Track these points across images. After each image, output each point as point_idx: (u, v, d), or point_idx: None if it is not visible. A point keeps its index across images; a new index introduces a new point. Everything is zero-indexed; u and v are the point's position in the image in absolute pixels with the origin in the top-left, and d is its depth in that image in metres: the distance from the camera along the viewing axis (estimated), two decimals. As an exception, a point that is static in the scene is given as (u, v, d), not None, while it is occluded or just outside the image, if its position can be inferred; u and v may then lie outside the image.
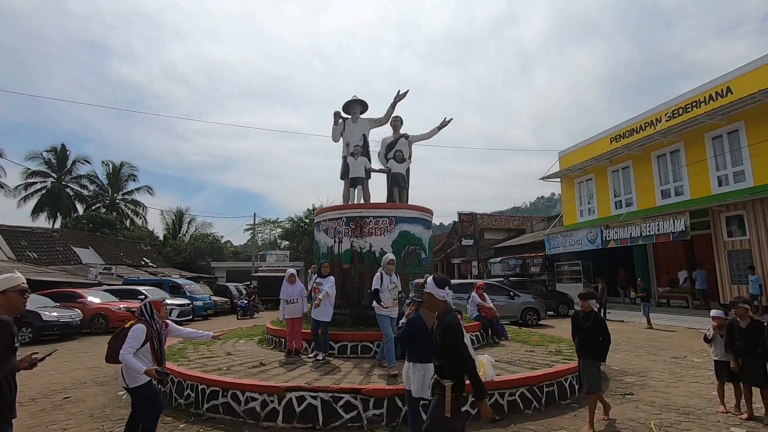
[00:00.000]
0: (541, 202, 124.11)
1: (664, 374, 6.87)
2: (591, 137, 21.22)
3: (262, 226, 53.23)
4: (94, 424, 4.87)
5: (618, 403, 5.34)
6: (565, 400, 5.40)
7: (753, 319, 4.72)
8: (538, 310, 14.20)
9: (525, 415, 4.89)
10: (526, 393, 5.06)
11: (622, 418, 4.81)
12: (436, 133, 9.39)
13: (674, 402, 5.34)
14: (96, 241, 28.50)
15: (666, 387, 6.09)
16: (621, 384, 6.28)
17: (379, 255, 7.62)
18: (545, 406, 5.15)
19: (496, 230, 34.13)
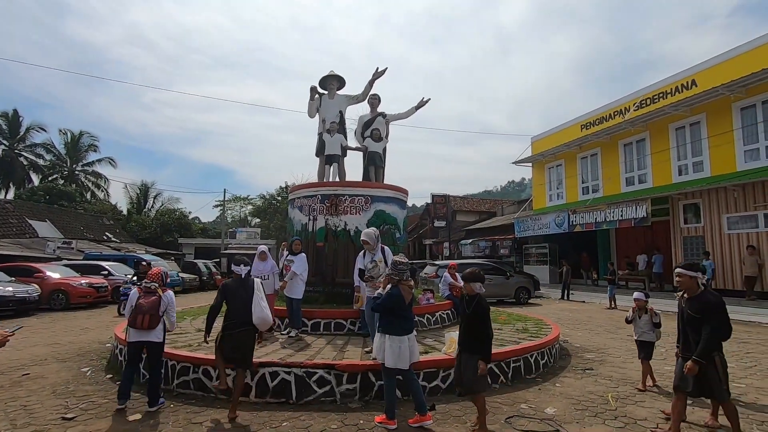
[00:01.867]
0: (511, 186, 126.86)
1: (621, 351, 7.28)
2: (563, 124, 21.70)
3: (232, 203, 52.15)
4: (56, 401, 4.72)
5: (579, 378, 5.64)
6: (530, 375, 5.65)
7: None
8: (530, 290, 15.14)
9: (493, 389, 5.09)
10: (494, 368, 5.25)
11: (582, 390, 5.09)
12: (413, 113, 9.33)
13: (630, 376, 5.68)
14: (54, 214, 27.10)
15: (623, 363, 6.46)
16: (582, 360, 6.62)
17: (354, 233, 7.62)
18: (512, 381, 5.37)
19: (468, 212, 34.71)
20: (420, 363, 4.85)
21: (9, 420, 4.20)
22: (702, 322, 3.60)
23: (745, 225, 12.99)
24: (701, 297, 3.66)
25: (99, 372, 5.91)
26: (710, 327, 3.53)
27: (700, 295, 3.68)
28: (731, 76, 13.15)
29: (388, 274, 4.16)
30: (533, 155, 22.81)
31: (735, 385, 5.29)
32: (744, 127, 13.48)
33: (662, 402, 4.74)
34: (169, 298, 4.53)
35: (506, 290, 14.69)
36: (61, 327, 10.05)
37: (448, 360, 4.97)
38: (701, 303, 3.64)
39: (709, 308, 3.60)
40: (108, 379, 5.58)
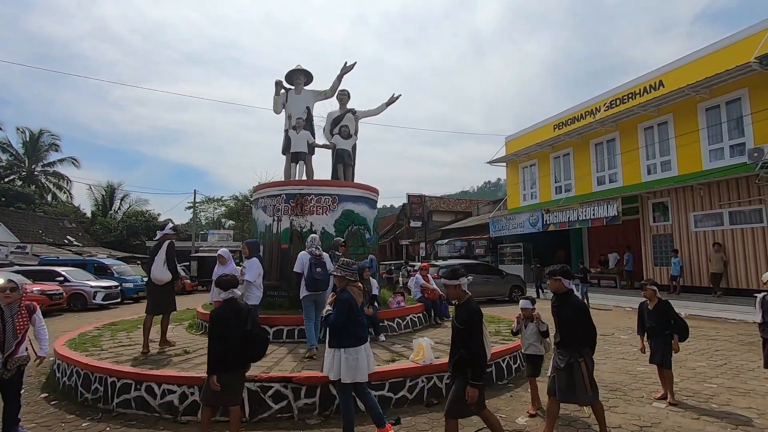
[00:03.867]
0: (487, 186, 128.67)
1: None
2: (536, 124, 21.85)
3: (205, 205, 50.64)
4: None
5: (551, 382, 5.44)
6: (502, 381, 5.42)
7: (660, 299, 4.81)
8: (523, 288, 15.34)
9: (462, 397, 4.82)
10: (465, 375, 4.98)
11: (555, 396, 4.87)
12: (384, 109, 9.04)
13: (603, 378, 5.52)
14: (8, 217, 25.54)
15: (595, 364, 6.31)
16: (555, 362, 6.45)
17: (321, 235, 7.25)
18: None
19: (444, 212, 34.72)
20: (386, 372, 4.55)
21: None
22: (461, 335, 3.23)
23: (710, 223, 13.26)
24: (465, 305, 3.32)
25: (34, 391, 5.35)
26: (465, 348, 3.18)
27: (465, 303, 3.34)
28: (696, 77, 13.40)
29: (341, 275, 3.73)
30: (507, 155, 22.90)
31: (706, 386, 5.21)
32: (709, 126, 13.77)
33: (636, 407, 4.57)
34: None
35: (502, 289, 15.05)
36: (5, 339, 9.26)
37: (416, 368, 4.68)
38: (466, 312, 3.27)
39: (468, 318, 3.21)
40: (42, 398, 5.03)
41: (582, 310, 3.59)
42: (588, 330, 3.58)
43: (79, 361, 4.92)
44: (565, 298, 3.70)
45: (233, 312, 3.54)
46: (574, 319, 3.56)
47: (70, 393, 4.93)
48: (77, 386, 4.86)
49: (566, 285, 3.70)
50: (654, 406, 4.59)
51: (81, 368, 4.86)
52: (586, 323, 3.56)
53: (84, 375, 4.81)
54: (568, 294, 3.71)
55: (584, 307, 3.64)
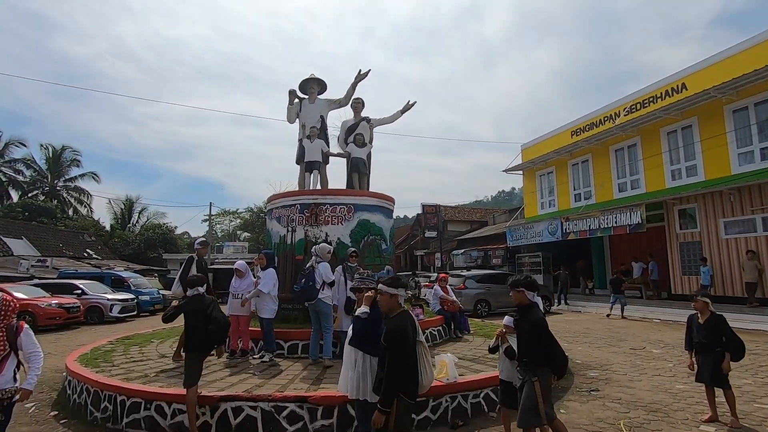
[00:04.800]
0: (501, 195, 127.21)
1: (626, 367, 6.75)
2: (553, 131, 21.45)
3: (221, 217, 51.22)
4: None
5: (585, 401, 5.07)
6: (530, 400, 5.07)
7: (713, 313, 4.39)
8: (551, 299, 14.92)
9: (490, 418, 4.51)
10: (491, 394, 4.67)
11: (590, 418, 4.52)
12: (398, 117, 8.88)
13: (641, 398, 5.13)
14: (31, 231, 26.09)
15: (630, 381, 5.92)
16: (585, 379, 6.06)
17: (336, 245, 7.05)
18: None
19: (459, 222, 34.28)
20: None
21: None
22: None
23: (742, 229, 12.63)
24: (393, 320, 2.96)
25: (44, 408, 5.20)
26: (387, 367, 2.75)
27: (395, 317, 2.98)
28: (722, 78, 12.92)
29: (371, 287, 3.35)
30: (523, 163, 22.49)
31: (756, 406, 4.78)
32: (737, 129, 13.22)
33: (682, 431, 4.18)
34: None
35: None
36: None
37: (439, 387, 4.38)
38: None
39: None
40: (52, 417, 4.88)
41: (539, 326, 3.23)
42: (547, 348, 3.22)
43: (89, 378, 4.77)
44: (525, 312, 3.35)
45: (198, 304, 4.20)
46: (530, 335, 3.25)
47: (80, 411, 4.77)
48: (87, 404, 4.70)
49: (529, 297, 3.37)
50: (702, 430, 4.19)
51: (91, 385, 4.70)
52: (544, 340, 3.22)
53: (94, 393, 4.65)
54: (529, 307, 3.37)
55: (542, 323, 3.25)
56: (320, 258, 5.81)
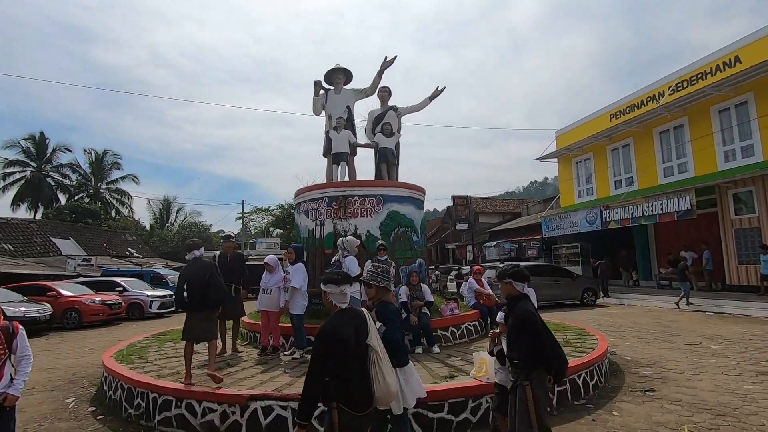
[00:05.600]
0: (534, 186, 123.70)
1: (682, 364, 6.19)
2: (589, 115, 20.43)
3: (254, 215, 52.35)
4: (21, 444, 4.07)
5: (640, 402, 4.63)
6: (578, 400, 4.68)
7: None
8: (596, 291, 14.26)
9: (535, 420, 4.16)
10: (535, 394, 4.32)
11: (649, 421, 4.09)
12: (427, 104, 8.54)
13: (704, 399, 4.64)
14: (77, 232, 27.42)
15: (689, 380, 5.40)
16: (638, 378, 5.58)
17: (366, 238, 6.84)
18: (556, 409, 4.42)
19: (491, 214, 33.47)
20: (444, 390, 4.00)
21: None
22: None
23: (808, 213, 11.53)
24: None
25: (83, 404, 5.27)
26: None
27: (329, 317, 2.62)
28: (782, 48, 11.79)
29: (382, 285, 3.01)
30: (558, 150, 21.56)
31: None
32: (800, 104, 12.06)
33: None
34: None
35: (573, 292, 14.01)
36: (67, 348, 9.61)
37: (479, 387, 4.08)
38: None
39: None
40: (89, 412, 4.92)
41: (525, 319, 2.83)
42: (537, 345, 2.80)
43: (122, 375, 4.76)
44: (513, 305, 2.99)
45: (198, 267, 4.76)
46: (517, 330, 2.87)
47: (116, 408, 4.78)
48: (122, 401, 4.69)
49: (518, 289, 2.99)
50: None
51: (124, 382, 4.70)
52: (533, 336, 2.81)
53: (127, 389, 4.64)
54: (517, 300, 2.99)
55: (528, 315, 2.85)
56: (347, 252, 5.63)
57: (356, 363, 2.36)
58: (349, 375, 2.33)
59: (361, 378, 2.36)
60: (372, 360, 2.40)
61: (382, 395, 2.38)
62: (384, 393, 2.38)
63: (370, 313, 2.63)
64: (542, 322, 2.94)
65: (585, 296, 13.98)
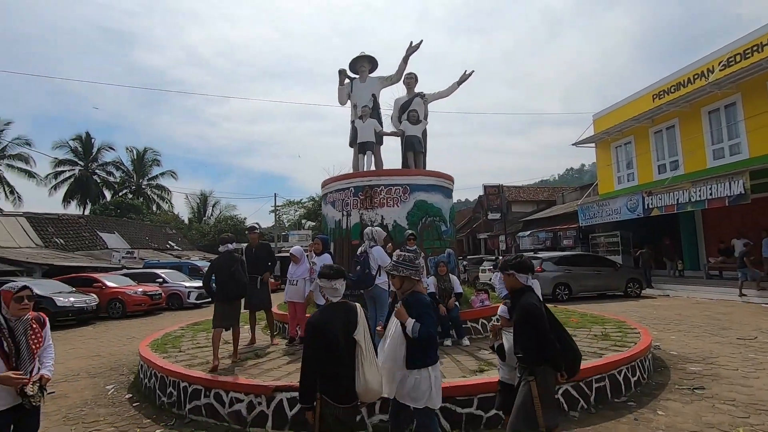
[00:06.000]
0: (570, 173, 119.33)
1: (735, 360, 5.73)
2: (630, 96, 19.30)
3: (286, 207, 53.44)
4: (63, 428, 4.24)
5: (688, 401, 4.30)
6: (619, 398, 4.40)
7: None
8: (641, 281, 13.61)
9: (570, 418, 3.94)
10: (571, 390, 4.10)
11: (698, 422, 3.78)
12: (455, 89, 8.26)
13: (763, 399, 4.25)
14: (122, 226, 28.81)
15: (743, 378, 4.98)
16: (686, 375, 5.21)
17: (393, 228, 6.72)
18: (595, 406, 4.17)
19: (524, 202, 32.55)
20: (474, 385, 3.84)
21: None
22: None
23: None
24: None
25: (121, 390, 5.47)
26: None
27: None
28: None
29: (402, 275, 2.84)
30: (596, 134, 20.54)
31: None
32: None
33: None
34: None
35: (616, 282, 13.44)
36: (111, 336, 10.08)
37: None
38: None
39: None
40: (127, 399, 5.09)
41: (530, 314, 2.68)
42: (541, 340, 2.64)
43: (155, 364, 4.89)
44: (517, 298, 2.84)
45: (226, 260, 5.29)
46: (520, 324, 2.73)
47: (150, 395, 4.92)
48: (155, 389, 4.82)
49: (522, 281, 2.85)
50: None
51: (158, 371, 4.82)
52: (537, 331, 2.66)
53: (160, 378, 4.76)
54: (521, 292, 2.84)
55: (533, 309, 2.68)
56: (374, 242, 5.53)
57: (341, 356, 2.43)
58: (332, 367, 2.43)
59: (344, 371, 2.43)
60: (356, 354, 2.44)
61: (362, 391, 2.43)
62: (363, 389, 2.42)
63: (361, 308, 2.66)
64: (549, 315, 2.80)
65: (629, 287, 13.32)
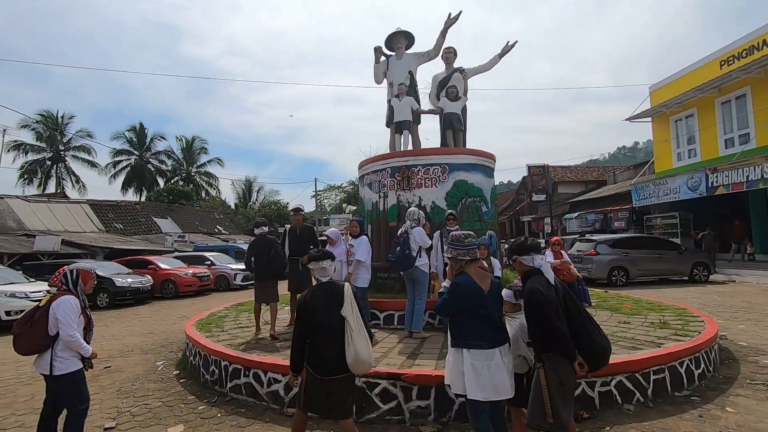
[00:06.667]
0: (621, 152, 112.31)
1: (818, 354, 5.12)
2: (692, 64, 17.64)
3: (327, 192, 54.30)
4: (115, 402, 4.47)
5: (762, 398, 3.86)
6: (680, 392, 4.03)
7: None
8: (709, 265, 12.76)
9: (625, 412, 3.64)
10: (626, 382, 3.78)
11: (776, 422, 3.37)
12: (497, 61, 7.81)
13: None
14: (174, 212, 30.35)
15: (825, 375, 4.41)
16: (758, 368, 4.71)
17: (431, 209, 6.50)
18: (653, 400, 3.83)
19: (572, 183, 31.03)
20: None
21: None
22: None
23: None
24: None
25: (170, 367, 5.71)
26: None
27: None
28: None
29: (451, 255, 2.88)
30: (653, 107, 19.01)
31: None
32: None
33: None
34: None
35: (680, 266, 12.60)
36: (163, 315, 10.65)
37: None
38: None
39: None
40: (174, 375, 5.30)
41: (531, 299, 2.57)
42: (546, 325, 2.51)
43: (199, 342, 5.04)
44: (525, 282, 2.72)
45: (263, 243, 5.83)
46: (526, 309, 2.66)
47: (195, 373, 5.09)
48: (199, 367, 4.97)
49: (528, 263, 2.69)
50: None
51: (201, 349, 4.96)
52: (541, 315, 2.53)
53: (204, 356, 4.89)
54: (528, 275, 2.71)
55: (534, 294, 2.55)
56: (415, 222, 5.39)
57: (327, 333, 2.69)
58: (315, 342, 2.72)
59: (325, 345, 2.69)
60: (345, 329, 2.67)
61: (353, 362, 2.65)
62: (353, 360, 2.64)
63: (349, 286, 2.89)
64: (567, 300, 2.63)
65: (695, 271, 12.37)
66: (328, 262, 2.90)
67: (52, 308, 2.92)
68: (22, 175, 33.30)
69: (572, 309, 2.63)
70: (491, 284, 2.78)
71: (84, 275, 3.10)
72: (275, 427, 3.62)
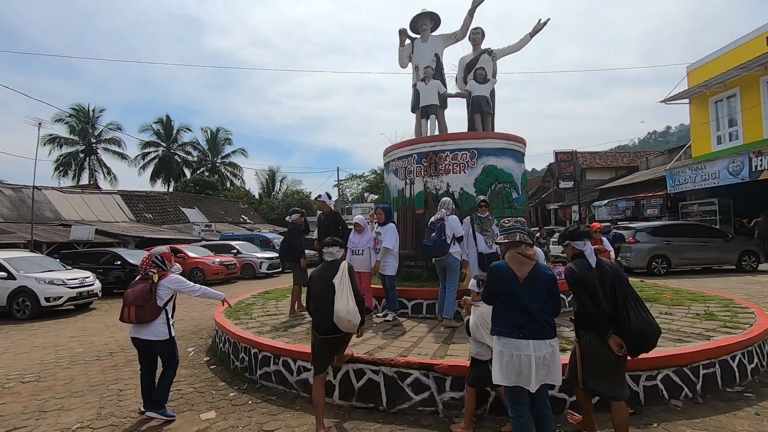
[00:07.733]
0: (652, 137, 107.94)
1: None
2: (734, 41, 16.57)
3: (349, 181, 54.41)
4: (149, 386, 4.53)
5: (826, 396, 3.57)
6: (732, 387, 3.77)
7: None
8: (758, 254, 12.07)
9: (673, 408, 3.43)
10: (673, 376, 3.56)
11: None
12: (528, 41, 7.47)
13: None
14: (200, 202, 31.01)
15: None
16: (818, 363, 4.37)
17: (459, 196, 6.31)
18: (703, 395, 3.60)
19: (601, 169, 30.01)
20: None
21: (98, 407, 4.07)
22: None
23: None
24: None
25: (200, 353, 5.80)
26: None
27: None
28: None
29: (499, 241, 2.87)
30: (691, 88, 18.01)
31: None
32: None
33: None
34: (171, 282, 3.75)
35: (727, 255, 11.99)
36: (193, 302, 10.85)
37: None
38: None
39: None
40: (205, 362, 5.36)
41: (568, 281, 2.78)
42: (580, 305, 2.77)
43: (228, 330, 5.06)
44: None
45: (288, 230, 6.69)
46: (571, 289, 2.83)
47: (225, 359, 5.13)
48: (229, 353, 5.00)
49: (579, 248, 2.85)
50: None
51: (230, 336, 4.98)
52: (577, 295, 2.79)
53: (233, 343, 4.91)
54: (574, 258, 2.88)
55: (569, 276, 2.78)
56: (449, 211, 5.27)
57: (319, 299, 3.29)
58: (315, 307, 3.34)
59: (322, 310, 3.25)
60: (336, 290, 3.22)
61: (336, 320, 3.17)
62: (336, 318, 3.17)
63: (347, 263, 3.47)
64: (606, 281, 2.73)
65: (744, 260, 11.73)
66: (336, 249, 3.53)
67: (162, 285, 3.63)
68: (57, 168, 34.63)
69: (618, 292, 2.72)
70: (530, 272, 2.64)
71: (167, 256, 3.82)
72: (305, 416, 3.58)
